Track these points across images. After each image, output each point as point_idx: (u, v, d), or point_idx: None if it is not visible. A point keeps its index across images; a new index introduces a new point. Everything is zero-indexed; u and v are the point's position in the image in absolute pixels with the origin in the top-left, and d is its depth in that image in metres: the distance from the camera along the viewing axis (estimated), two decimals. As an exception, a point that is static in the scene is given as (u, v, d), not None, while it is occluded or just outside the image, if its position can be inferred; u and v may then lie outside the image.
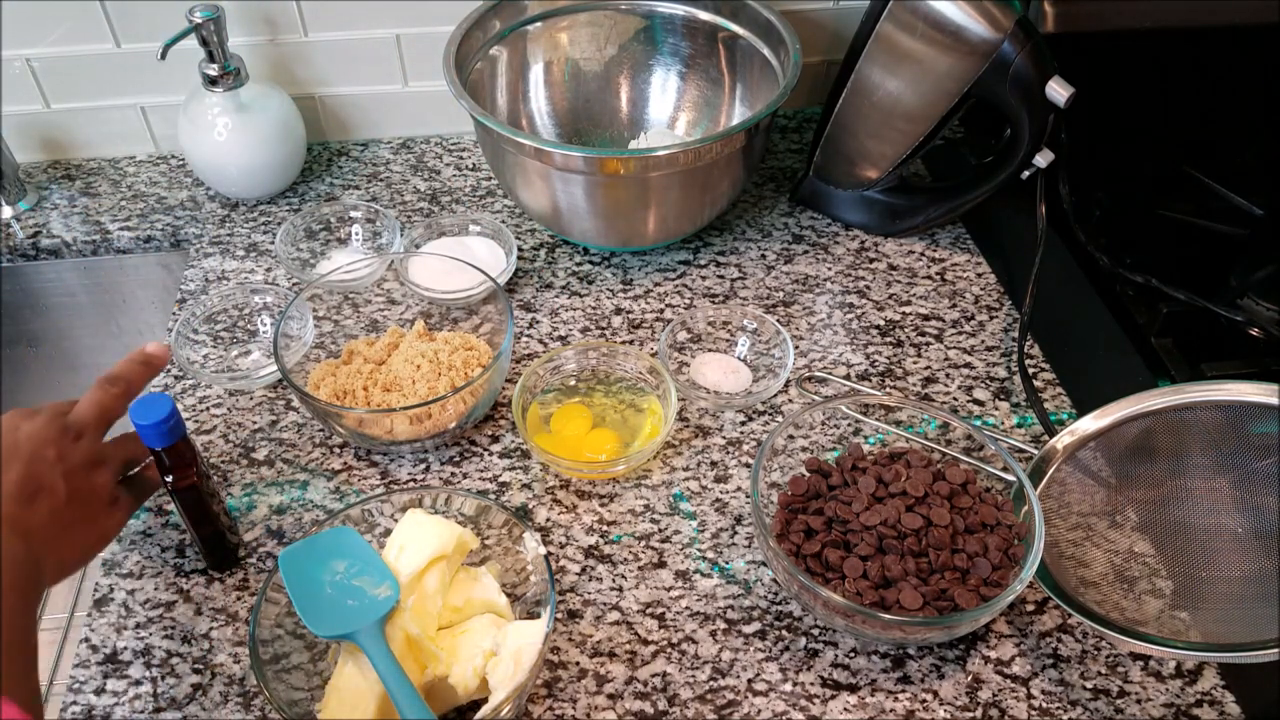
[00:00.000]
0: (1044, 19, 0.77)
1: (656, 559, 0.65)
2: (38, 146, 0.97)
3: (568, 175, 0.77)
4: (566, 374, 0.75)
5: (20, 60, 0.90)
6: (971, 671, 0.60)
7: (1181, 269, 0.71)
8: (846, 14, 0.98)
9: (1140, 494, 0.63)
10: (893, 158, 0.84)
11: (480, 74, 0.87)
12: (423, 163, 0.98)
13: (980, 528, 0.61)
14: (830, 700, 0.58)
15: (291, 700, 0.53)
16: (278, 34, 0.92)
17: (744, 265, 0.87)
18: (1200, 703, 0.58)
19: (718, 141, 0.75)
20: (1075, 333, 0.76)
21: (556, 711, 0.58)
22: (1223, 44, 0.83)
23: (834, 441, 0.69)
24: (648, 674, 0.59)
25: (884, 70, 0.80)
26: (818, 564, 0.60)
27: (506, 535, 0.61)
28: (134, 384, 0.62)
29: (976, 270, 0.87)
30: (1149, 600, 0.59)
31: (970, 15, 0.74)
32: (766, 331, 0.78)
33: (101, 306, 0.97)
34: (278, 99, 0.90)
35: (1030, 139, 0.76)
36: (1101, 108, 0.78)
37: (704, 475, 0.70)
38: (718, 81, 0.92)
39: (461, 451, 0.72)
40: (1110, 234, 0.77)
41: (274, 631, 0.55)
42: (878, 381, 0.77)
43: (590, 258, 0.88)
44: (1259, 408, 0.59)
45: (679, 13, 0.90)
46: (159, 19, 0.88)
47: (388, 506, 0.61)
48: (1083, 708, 0.58)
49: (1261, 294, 0.70)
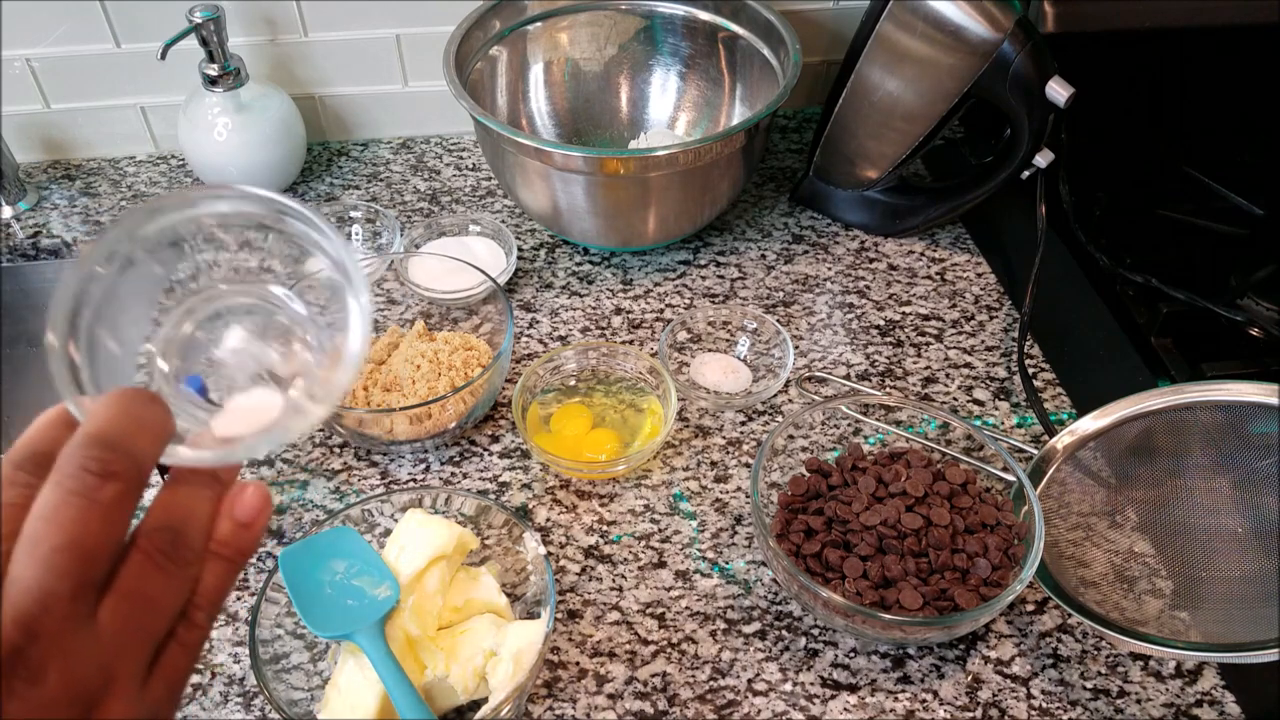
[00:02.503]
0: (1044, 19, 0.77)
1: (656, 559, 0.65)
2: (38, 146, 0.97)
3: (568, 175, 0.77)
4: (566, 374, 0.75)
5: (20, 60, 0.90)
6: (971, 671, 0.60)
7: (1181, 269, 0.71)
8: (846, 14, 0.98)
9: (1140, 494, 0.63)
10: (893, 158, 0.84)
11: (480, 74, 0.87)
12: (423, 163, 0.98)
13: (980, 528, 0.61)
14: (830, 700, 0.58)
15: (291, 700, 0.53)
16: (278, 34, 0.92)
17: (744, 265, 0.87)
18: (1200, 703, 0.58)
19: (718, 141, 0.75)
20: (1075, 333, 0.76)
21: (556, 711, 0.58)
22: (1223, 44, 0.83)
23: (834, 441, 0.69)
24: (648, 674, 0.59)
25: (884, 70, 0.80)
26: (818, 564, 0.60)
27: (506, 535, 0.61)
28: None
29: (976, 270, 0.87)
30: (1149, 600, 0.59)
31: (970, 15, 0.74)
32: (766, 331, 0.78)
33: (101, 306, 0.97)
34: (278, 99, 0.90)
35: (1030, 139, 0.76)
36: (1101, 108, 0.78)
37: (704, 475, 0.70)
38: (718, 81, 0.92)
39: (461, 451, 0.72)
40: (1110, 234, 0.77)
41: (274, 631, 0.55)
42: (878, 381, 0.77)
43: (590, 258, 0.88)
44: (1259, 408, 0.59)
45: (679, 13, 0.90)
46: (159, 19, 0.88)
47: (388, 506, 0.61)
48: (1083, 708, 0.58)
49: (1261, 294, 0.70)
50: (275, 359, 0.35)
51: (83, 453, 0.28)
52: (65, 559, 0.26)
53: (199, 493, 0.31)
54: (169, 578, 0.29)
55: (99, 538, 0.27)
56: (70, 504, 0.27)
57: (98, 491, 0.27)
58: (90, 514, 0.27)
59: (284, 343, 0.35)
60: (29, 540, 0.26)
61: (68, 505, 0.27)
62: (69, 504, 0.27)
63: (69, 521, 0.27)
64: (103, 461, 0.28)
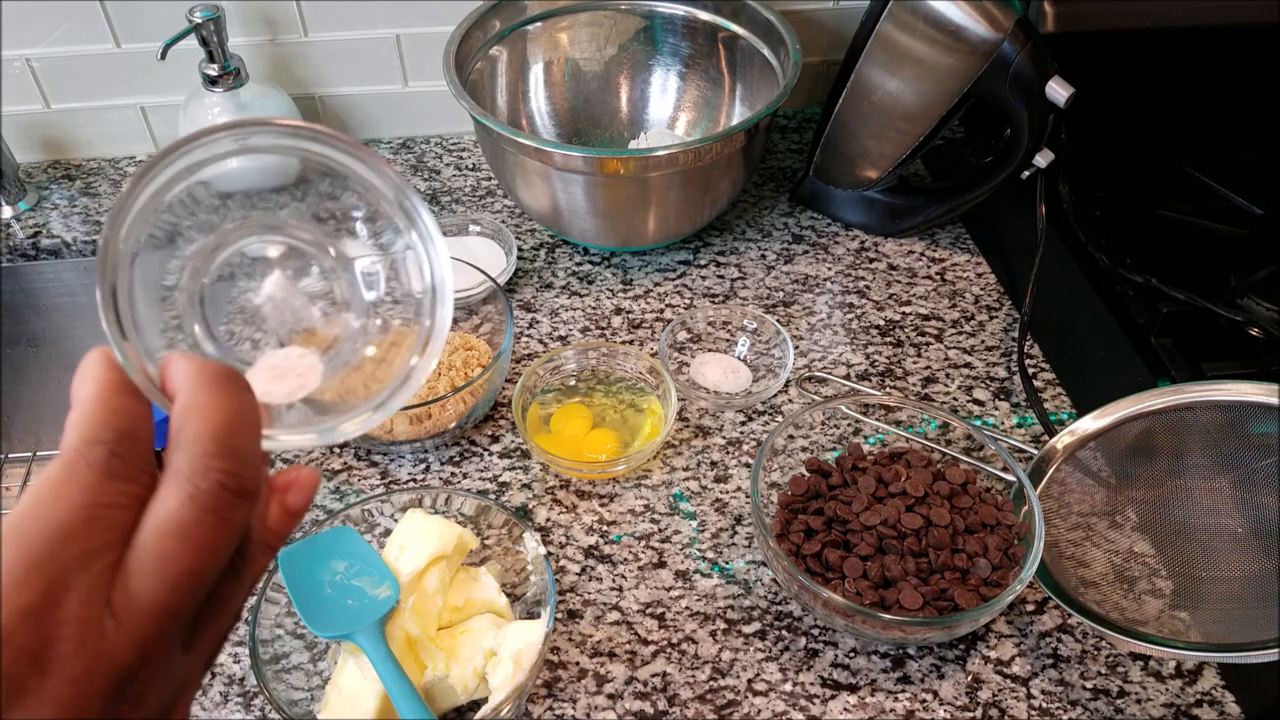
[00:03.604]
0: (1044, 19, 0.77)
1: (656, 559, 0.65)
2: (38, 146, 0.97)
3: (568, 175, 0.77)
4: (566, 374, 0.75)
5: (20, 60, 0.90)
6: (971, 671, 0.60)
7: (1181, 269, 0.71)
8: (846, 14, 0.98)
9: (1140, 494, 0.63)
10: (893, 158, 0.84)
11: (480, 74, 0.87)
12: (423, 163, 0.98)
13: (980, 528, 0.61)
14: (830, 700, 0.58)
15: (291, 700, 0.53)
16: (278, 34, 0.92)
17: (744, 265, 0.87)
18: (1200, 703, 0.58)
19: (718, 141, 0.75)
20: (1075, 333, 0.76)
21: (556, 711, 0.58)
22: (1223, 44, 0.83)
23: (834, 441, 0.69)
24: (648, 674, 0.59)
25: (884, 70, 0.80)
26: (818, 564, 0.60)
27: (506, 535, 0.61)
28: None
29: (976, 270, 0.87)
30: (1149, 600, 0.59)
31: (970, 15, 0.74)
32: (766, 331, 0.78)
33: (101, 307, 0.97)
34: (278, 99, 0.90)
35: (1030, 139, 0.76)
36: (1101, 108, 0.78)
37: (704, 475, 0.70)
38: (718, 81, 0.92)
39: (461, 451, 0.72)
40: (1110, 234, 0.77)
41: (274, 631, 0.55)
42: (878, 381, 0.77)
43: (590, 258, 0.88)
44: (1259, 408, 0.59)
45: (679, 13, 0.90)
46: (159, 19, 0.88)
47: (388, 506, 0.61)
48: (1083, 708, 0.58)
49: (1261, 294, 0.70)
50: (317, 316, 0.33)
51: (217, 465, 0.25)
52: (194, 582, 0.25)
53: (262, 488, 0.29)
54: (242, 583, 0.28)
55: (223, 558, 0.26)
56: (205, 524, 0.25)
57: (233, 512, 0.25)
58: (223, 536, 0.25)
59: (328, 298, 0.33)
60: (160, 558, 0.24)
61: (202, 525, 0.25)
62: (203, 524, 0.25)
63: (205, 543, 0.25)
64: (239, 478, 0.26)
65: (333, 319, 0.33)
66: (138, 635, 0.24)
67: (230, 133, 0.30)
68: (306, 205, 0.32)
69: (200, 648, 0.27)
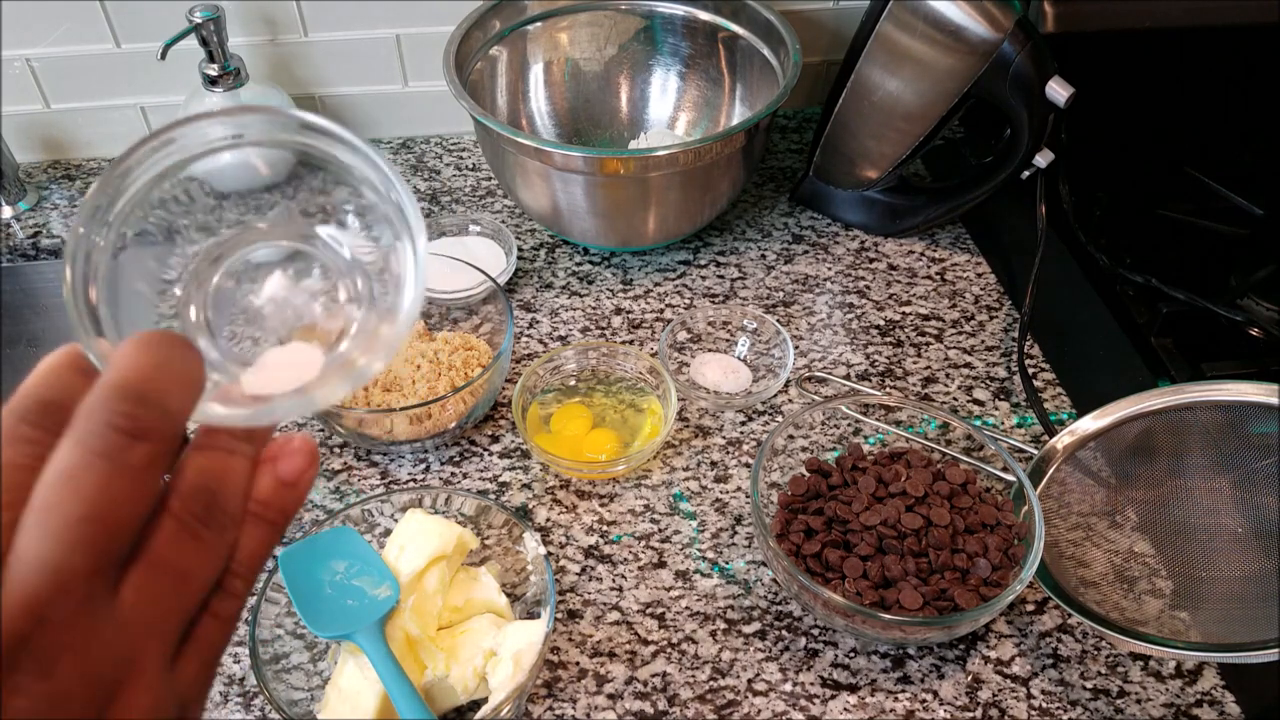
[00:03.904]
0: (1044, 19, 0.77)
1: (656, 559, 0.65)
2: (38, 146, 0.97)
3: (568, 175, 0.77)
4: (566, 374, 0.75)
5: (20, 60, 0.90)
6: (971, 671, 0.60)
7: (1181, 269, 0.71)
8: (846, 14, 0.98)
9: (1140, 494, 0.63)
10: (893, 158, 0.84)
11: (480, 74, 0.87)
12: (423, 163, 0.98)
13: (980, 528, 0.61)
14: (830, 700, 0.58)
15: (291, 700, 0.53)
16: (278, 34, 0.92)
17: (744, 265, 0.87)
18: (1200, 703, 0.58)
19: (718, 141, 0.75)
20: (1075, 333, 0.76)
21: (556, 711, 0.58)
22: (1223, 44, 0.83)
23: (834, 441, 0.69)
24: (648, 674, 0.59)
25: (884, 70, 0.80)
26: (818, 564, 0.60)
27: (506, 535, 0.61)
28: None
29: (976, 270, 0.87)
30: (1149, 600, 0.59)
31: (970, 15, 0.74)
32: (766, 331, 0.78)
33: (101, 306, 0.97)
34: (278, 99, 0.90)
35: (1030, 139, 0.76)
36: (1101, 108, 0.78)
37: (704, 475, 0.70)
38: (718, 81, 0.92)
39: (461, 451, 0.72)
40: (1110, 234, 0.77)
41: (274, 631, 0.55)
42: (878, 381, 0.77)
43: (590, 258, 0.88)
44: (1259, 408, 0.59)
45: (679, 13, 0.90)
46: (159, 19, 0.88)
47: (388, 506, 0.61)
48: (1083, 708, 0.58)
49: (1261, 294, 0.70)
50: (318, 312, 0.32)
51: (109, 406, 0.23)
52: (86, 531, 0.22)
53: (236, 447, 0.27)
54: (204, 547, 0.25)
55: (126, 506, 0.23)
56: (94, 467, 0.23)
57: (127, 453, 0.23)
58: (117, 479, 0.23)
59: (328, 294, 0.32)
60: (42, 508, 0.22)
61: (90, 469, 0.23)
62: (92, 467, 0.23)
63: (92, 487, 0.23)
64: (133, 418, 0.23)
65: (333, 309, 0.32)
66: (24, 596, 0.21)
67: (211, 120, 0.30)
68: (297, 202, 0.31)
69: (164, 633, 0.25)
